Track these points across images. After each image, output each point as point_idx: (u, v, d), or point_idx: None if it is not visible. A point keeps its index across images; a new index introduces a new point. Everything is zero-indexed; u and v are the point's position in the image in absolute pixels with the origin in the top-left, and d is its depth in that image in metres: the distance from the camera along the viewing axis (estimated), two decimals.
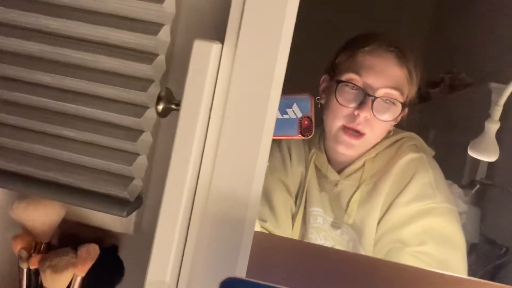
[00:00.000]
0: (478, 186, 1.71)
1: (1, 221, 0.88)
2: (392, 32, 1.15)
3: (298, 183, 1.20)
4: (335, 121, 1.09)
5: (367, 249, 1.09)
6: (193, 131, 0.72)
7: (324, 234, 1.15)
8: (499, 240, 1.68)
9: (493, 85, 1.72)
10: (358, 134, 1.07)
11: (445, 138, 2.17)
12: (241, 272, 0.74)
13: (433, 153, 1.15)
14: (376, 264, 0.91)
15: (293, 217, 1.19)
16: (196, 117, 0.71)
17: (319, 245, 1.12)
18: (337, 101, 1.07)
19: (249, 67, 0.72)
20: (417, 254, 1.02)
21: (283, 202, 1.17)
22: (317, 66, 1.22)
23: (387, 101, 1.06)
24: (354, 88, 1.07)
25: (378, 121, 1.06)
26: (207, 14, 0.80)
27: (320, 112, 1.13)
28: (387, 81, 1.06)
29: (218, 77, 0.73)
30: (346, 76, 1.07)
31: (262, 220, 1.14)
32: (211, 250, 0.74)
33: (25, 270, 0.79)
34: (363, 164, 1.13)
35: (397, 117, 1.10)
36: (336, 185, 1.15)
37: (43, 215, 0.81)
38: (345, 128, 1.08)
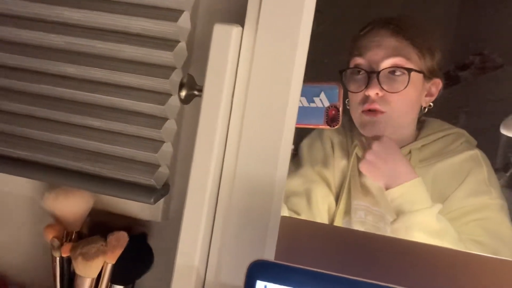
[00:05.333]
0: None
1: (32, 212, 0.90)
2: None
3: (341, 177, 1.19)
4: (355, 109, 1.10)
5: None
6: (216, 117, 0.72)
7: (367, 228, 1.14)
8: None
9: None
10: (377, 112, 1.07)
11: (476, 120, 2.12)
12: (269, 255, 0.75)
13: (476, 143, 1.14)
14: (408, 246, 0.90)
15: (335, 213, 1.18)
16: (219, 102, 0.72)
17: (347, 228, 1.11)
18: (348, 90, 1.08)
19: (270, 50, 0.71)
20: (470, 241, 1.03)
21: (322, 197, 1.16)
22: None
23: (393, 71, 1.06)
24: (359, 71, 1.08)
25: (395, 95, 1.06)
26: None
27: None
28: (386, 52, 1.06)
29: (240, 61, 0.73)
30: (352, 63, 1.10)
31: (296, 213, 1.13)
32: (239, 234, 0.74)
33: (57, 259, 0.81)
34: (409, 152, 1.12)
35: (430, 90, 1.10)
36: None
37: (73, 204, 0.82)
38: (364, 111, 1.08)
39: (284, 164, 0.74)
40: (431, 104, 1.13)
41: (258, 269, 0.64)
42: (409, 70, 1.06)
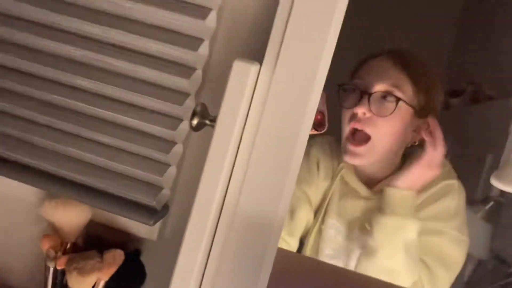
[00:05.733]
0: (492, 202, 1.71)
1: (29, 218, 0.90)
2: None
3: (321, 196, 1.22)
4: (344, 128, 1.13)
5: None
6: (226, 149, 0.73)
7: (334, 247, 1.17)
8: (508, 259, 1.69)
9: None
10: (361, 140, 1.10)
11: (462, 149, 2.16)
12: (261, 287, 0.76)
13: (455, 175, 1.17)
14: None
15: (310, 230, 1.21)
16: (230, 136, 0.72)
17: (342, 268, 1.13)
18: (342, 106, 1.12)
19: (285, 91, 0.73)
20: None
21: (304, 214, 1.19)
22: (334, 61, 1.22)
23: (385, 97, 1.09)
24: (354, 89, 1.11)
25: (380, 120, 1.09)
26: (245, 31, 0.81)
27: (333, 108, 1.15)
28: (383, 78, 1.10)
29: (254, 97, 0.74)
30: (351, 83, 1.13)
31: None
32: (234, 265, 0.76)
33: (51, 269, 0.81)
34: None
35: (420, 127, 1.12)
36: (367, 199, 1.17)
37: (71, 216, 0.82)
38: (349, 136, 1.11)
39: (286, 202, 0.76)
40: (417, 142, 1.15)
41: None
42: (398, 99, 1.09)
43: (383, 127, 1.09)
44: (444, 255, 1.09)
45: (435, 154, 1.08)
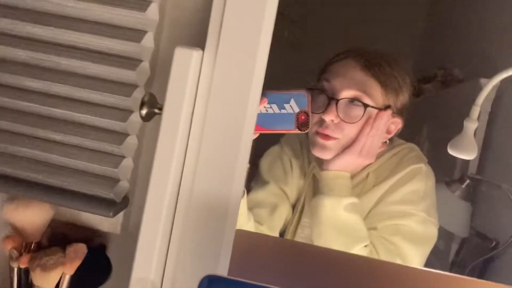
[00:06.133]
0: (468, 181, 1.73)
1: None
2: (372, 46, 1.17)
3: (297, 195, 1.24)
4: (311, 128, 1.11)
5: None
6: (175, 135, 0.75)
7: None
8: (489, 234, 1.71)
9: (483, 81, 1.74)
10: (330, 136, 1.11)
11: (438, 132, 2.19)
12: (223, 268, 0.78)
13: (426, 160, 1.19)
14: (360, 262, 0.94)
15: (288, 227, 1.23)
16: (178, 121, 0.74)
17: (302, 243, 1.15)
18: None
19: (229, 73, 0.75)
20: (383, 241, 1.10)
21: (283, 210, 1.22)
22: (316, 62, 1.25)
23: (353, 103, 1.09)
24: (321, 93, 1.11)
25: (347, 124, 1.09)
26: (190, 20, 0.83)
27: None
28: (351, 84, 1.09)
29: (200, 82, 0.76)
30: (319, 84, 1.13)
31: (259, 223, 1.18)
32: (194, 248, 0.77)
33: (15, 269, 0.82)
34: (367, 176, 1.16)
35: (389, 127, 1.14)
36: None
37: (33, 216, 0.83)
38: (318, 132, 1.11)
39: (239, 182, 0.77)
40: (387, 141, 1.17)
41: (209, 284, 0.67)
42: (366, 106, 1.09)
43: (350, 132, 1.10)
44: (412, 233, 1.10)
45: (366, 143, 1.10)
